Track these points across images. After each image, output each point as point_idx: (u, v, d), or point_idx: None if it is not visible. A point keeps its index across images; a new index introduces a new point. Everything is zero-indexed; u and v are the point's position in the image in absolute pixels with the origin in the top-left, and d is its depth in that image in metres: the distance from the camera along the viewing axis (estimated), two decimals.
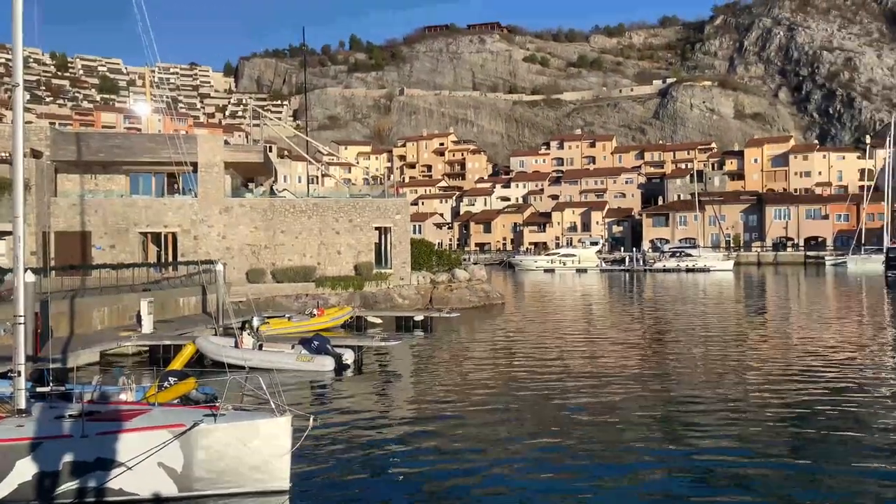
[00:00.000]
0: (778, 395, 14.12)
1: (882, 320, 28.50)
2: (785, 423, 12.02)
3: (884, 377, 15.79)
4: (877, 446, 10.52)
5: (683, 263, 75.80)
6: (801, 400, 13.58)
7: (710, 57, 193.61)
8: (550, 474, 9.50)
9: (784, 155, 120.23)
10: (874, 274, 61.54)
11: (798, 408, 12.97)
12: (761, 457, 9.99)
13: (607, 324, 28.07)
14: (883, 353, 19.75)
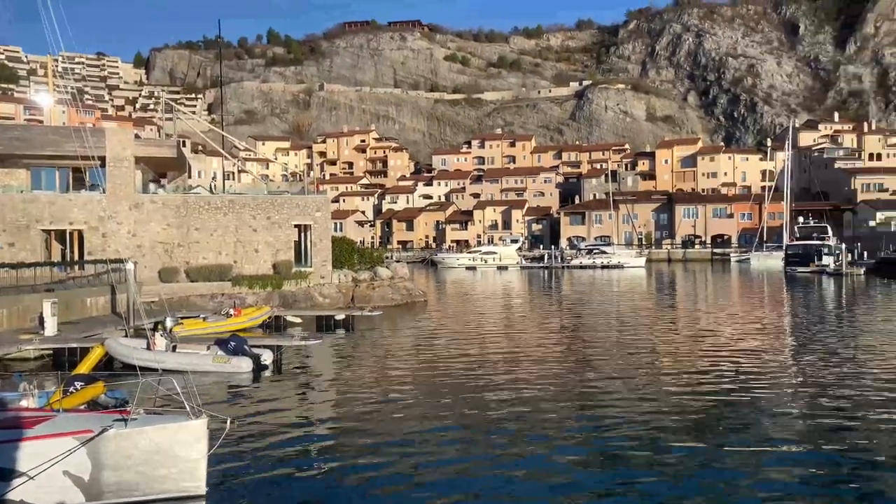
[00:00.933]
0: (686, 381, 14.77)
1: (781, 312, 30.29)
2: (692, 407, 12.58)
3: (782, 361, 16.78)
4: (773, 427, 11.17)
5: (599, 260, 78.10)
6: (708, 385, 14.26)
7: (623, 60, 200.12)
8: (472, 469, 9.62)
9: (692, 156, 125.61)
10: (775, 270, 65.24)
11: (704, 392, 13.62)
12: (672, 440, 10.43)
13: (527, 320, 28.63)
14: (781, 341, 20.99)
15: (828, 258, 61.43)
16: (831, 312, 30.05)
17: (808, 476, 9.16)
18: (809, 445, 10.47)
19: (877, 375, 15.42)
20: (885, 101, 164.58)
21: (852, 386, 14.36)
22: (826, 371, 15.94)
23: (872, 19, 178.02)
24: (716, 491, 8.66)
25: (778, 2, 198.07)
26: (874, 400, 13.10)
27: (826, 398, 13.29)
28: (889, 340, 21.10)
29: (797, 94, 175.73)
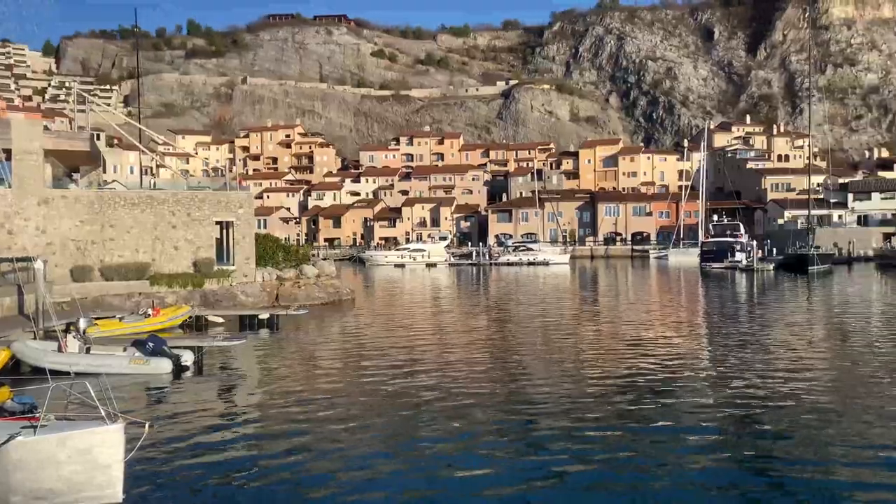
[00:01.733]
0: (608, 373, 15.19)
1: (697, 306, 31.60)
2: (613, 393, 12.95)
3: (697, 352, 17.50)
4: (686, 410, 11.63)
5: (525, 257, 79.42)
6: (629, 376, 14.71)
7: (548, 61, 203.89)
8: (401, 468, 9.59)
9: (614, 156, 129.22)
10: (691, 266, 67.93)
11: (626, 384, 14.04)
12: (594, 429, 10.71)
13: (455, 317, 28.79)
14: (696, 333, 21.88)
15: (740, 254, 64.39)
16: (743, 306, 31.53)
17: (721, 462, 9.57)
18: (722, 432, 10.94)
19: (785, 365, 16.27)
20: (791, 105, 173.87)
21: (763, 374, 15.09)
22: (738, 361, 16.70)
23: (781, 27, 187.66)
24: (635, 477, 8.94)
25: (694, 8, 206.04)
26: (783, 388, 13.80)
27: (738, 386, 13.92)
28: (795, 331, 22.29)
29: (712, 97, 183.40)
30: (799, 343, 19.88)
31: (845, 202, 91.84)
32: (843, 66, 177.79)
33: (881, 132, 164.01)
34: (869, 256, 71.29)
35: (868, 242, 76.59)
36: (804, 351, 18.43)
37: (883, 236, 76.81)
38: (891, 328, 22.83)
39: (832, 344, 19.99)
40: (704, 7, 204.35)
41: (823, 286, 41.74)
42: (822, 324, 24.81)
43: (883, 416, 11.71)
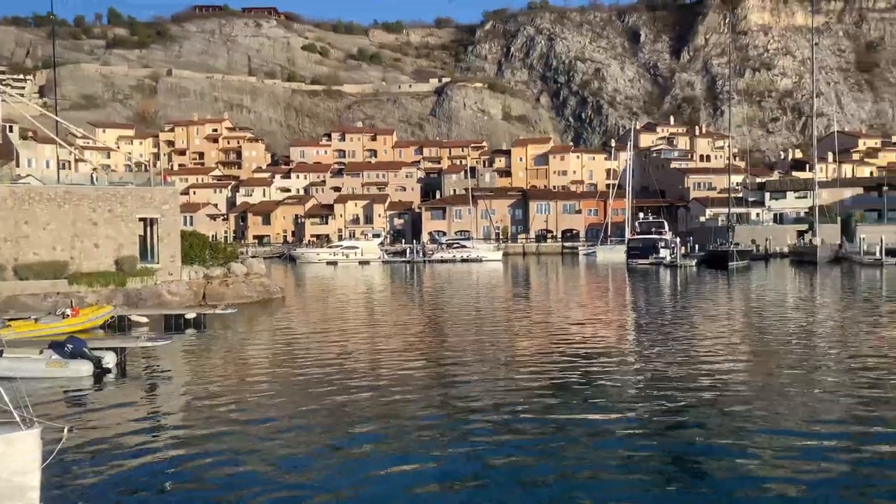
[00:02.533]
0: (539, 363, 15.46)
1: (623, 300, 32.55)
2: (544, 387, 13.18)
3: (623, 345, 18.02)
4: (613, 401, 11.96)
5: (459, 254, 79.95)
6: (559, 366, 15.01)
7: (481, 60, 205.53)
8: (333, 469, 9.49)
9: (545, 155, 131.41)
10: (618, 262, 69.80)
11: (555, 372, 14.32)
12: (526, 420, 10.88)
13: (389, 315, 28.70)
14: (623, 326, 22.54)
15: (664, 251, 66.55)
16: (667, 300, 32.62)
17: (644, 451, 9.87)
18: (647, 422, 11.29)
19: (706, 356, 16.92)
20: (713, 107, 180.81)
21: (685, 365, 15.65)
22: (662, 352, 17.26)
23: (703, 32, 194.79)
24: (563, 468, 9.12)
25: (622, 10, 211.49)
26: (703, 378, 14.35)
27: (662, 376, 14.40)
28: (716, 324, 23.21)
29: (638, 98, 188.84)
30: (719, 335, 20.71)
31: (762, 201, 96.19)
32: (761, 71, 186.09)
33: (795, 134, 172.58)
34: (784, 253, 74.88)
35: (783, 239, 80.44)
36: (724, 342, 19.22)
37: (797, 233, 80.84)
38: (804, 320, 24.06)
39: (750, 336, 20.92)
40: (631, 10, 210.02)
41: (742, 281, 43.62)
42: (741, 317, 25.92)
43: (796, 404, 12.33)
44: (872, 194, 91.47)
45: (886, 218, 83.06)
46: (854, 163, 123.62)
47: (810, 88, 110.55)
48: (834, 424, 11.24)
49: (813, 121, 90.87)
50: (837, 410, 12.07)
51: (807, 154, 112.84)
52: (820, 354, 17.40)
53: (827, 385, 13.89)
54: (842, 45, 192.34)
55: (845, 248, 67.16)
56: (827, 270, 53.35)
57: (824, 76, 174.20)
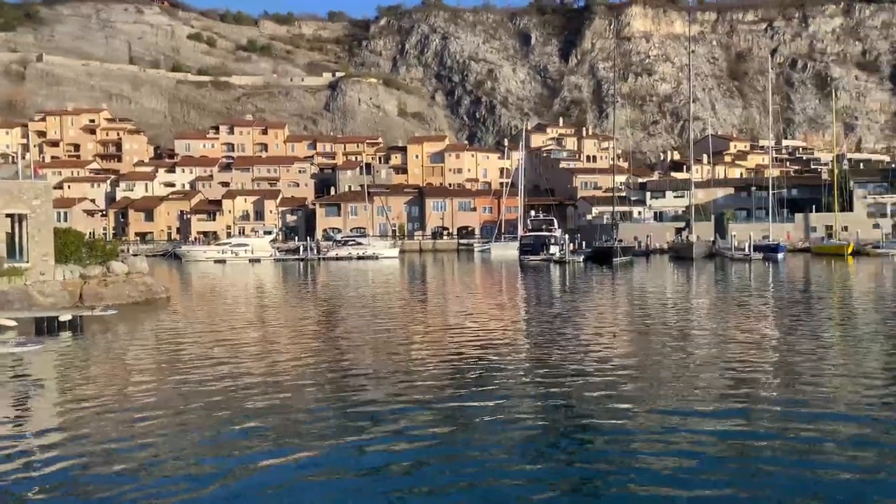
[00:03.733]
0: (435, 358, 15.51)
1: (516, 294, 33.34)
2: (440, 382, 13.23)
3: (515, 335, 18.42)
4: (505, 393, 12.19)
5: (354, 251, 79.22)
6: (454, 360, 15.13)
7: (375, 55, 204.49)
8: (223, 474, 9.09)
9: (441, 153, 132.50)
10: (511, 258, 71.44)
11: (451, 367, 14.42)
12: (420, 415, 10.87)
13: (281, 314, 27.97)
14: (516, 318, 23.05)
15: (554, 248, 68.77)
16: (557, 294, 33.69)
17: (534, 446, 10.10)
18: (536, 406, 11.56)
19: (592, 345, 17.56)
20: (599, 109, 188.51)
21: (573, 355, 16.18)
22: (552, 344, 17.77)
23: (590, 36, 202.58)
24: (457, 464, 9.17)
25: (513, 13, 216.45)
26: (591, 364, 14.87)
27: (552, 367, 14.80)
28: (601, 316, 24.18)
29: (529, 99, 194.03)
30: (604, 325, 21.58)
31: (644, 200, 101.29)
32: (643, 76, 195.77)
33: (674, 137, 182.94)
34: (664, 249, 79.19)
35: (663, 236, 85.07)
36: (608, 331, 20.04)
37: (675, 230, 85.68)
38: (681, 311, 25.50)
39: (632, 325, 21.92)
40: (522, 13, 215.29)
41: (625, 276, 45.72)
42: (624, 308, 27.14)
43: (674, 385, 13.00)
44: (742, 194, 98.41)
45: (754, 216, 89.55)
46: (726, 164, 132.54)
47: (687, 94, 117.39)
48: (708, 402, 11.99)
49: (690, 124, 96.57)
50: (711, 389, 12.86)
51: (684, 156, 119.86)
52: (695, 341, 18.50)
53: (701, 368, 14.80)
54: (715, 54, 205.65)
55: (718, 245, 71.86)
56: (702, 265, 56.86)
57: (700, 83, 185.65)
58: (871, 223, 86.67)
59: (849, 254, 67.09)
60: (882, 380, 13.78)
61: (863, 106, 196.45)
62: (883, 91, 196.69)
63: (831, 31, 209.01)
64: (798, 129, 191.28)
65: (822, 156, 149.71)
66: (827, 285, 37.82)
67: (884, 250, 68.68)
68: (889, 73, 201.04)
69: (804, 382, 13.56)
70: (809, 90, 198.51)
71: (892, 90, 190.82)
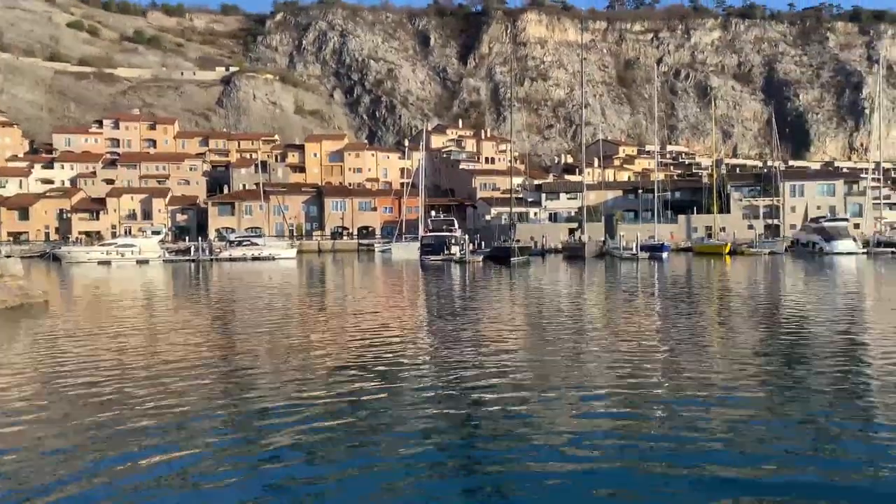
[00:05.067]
0: (336, 360, 15.30)
1: (417, 294, 33.47)
2: (339, 384, 13.07)
3: (416, 335, 18.48)
4: (407, 393, 12.21)
5: (250, 252, 77.00)
6: (355, 362, 14.97)
7: (272, 51, 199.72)
8: (98, 469, 8.59)
9: (340, 152, 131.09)
10: (412, 258, 71.61)
11: (351, 369, 14.27)
12: (319, 419, 10.70)
13: (170, 316, 26.76)
14: (417, 317, 23.13)
15: (455, 248, 69.59)
16: (457, 294, 34.09)
17: (438, 440, 10.18)
18: (437, 399, 11.66)
19: (492, 340, 17.88)
20: (497, 112, 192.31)
21: (473, 349, 16.41)
22: (453, 339, 17.96)
23: (487, 41, 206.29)
24: (353, 464, 9.11)
25: (413, 13, 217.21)
26: (491, 358, 15.14)
27: (453, 366, 14.95)
28: (499, 313, 24.66)
29: (429, 100, 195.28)
30: (502, 321, 22.04)
31: (540, 201, 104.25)
32: (538, 81, 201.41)
33: (567, 141, 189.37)
34: (558, 249, 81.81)
35: (557, 236, 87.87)
36: (507, 327, 20.48)
37: (569, 231, 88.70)
38: (574, 306, 26.43)
39: (529, 320, 22.52)
40: (421, 14, 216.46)
41: (522, 275, 46.88)
42: (521, 305, 27.82)
43: (568, 374, 13.46)
44: (630, 196, 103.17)
45: (641, 218, 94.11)
46: (615, 168, 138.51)
47: (579, 99, 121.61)
48: (599, 387, 12.54)
49: (582, 129, 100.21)
50: (602, 377, 13.42)
51: (577, 159, 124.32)
52: (587, 333, 19.28)
53: (593, 357, 15.46)
54: (605, 62, 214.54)
55: (608, 245, 75.01)
56: (593, 264, 59.16)
57: (591, 89, 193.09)
58: (746, 224, 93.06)
59: (726, 253, 71.71)
60: (754, 363, 14.95)
61: (738, 114, 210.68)
62: (756, 101, 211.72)
63: (710, 43, 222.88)
64: (681, 135, 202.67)
65: (703, 160, 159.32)
66: (706, 282, 40.24)
67: (756, 249, 73.90)
68: (761, 85, 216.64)
69: (685, 366, 14.61)
70: (691, 98, 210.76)
71: (764, 100, 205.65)
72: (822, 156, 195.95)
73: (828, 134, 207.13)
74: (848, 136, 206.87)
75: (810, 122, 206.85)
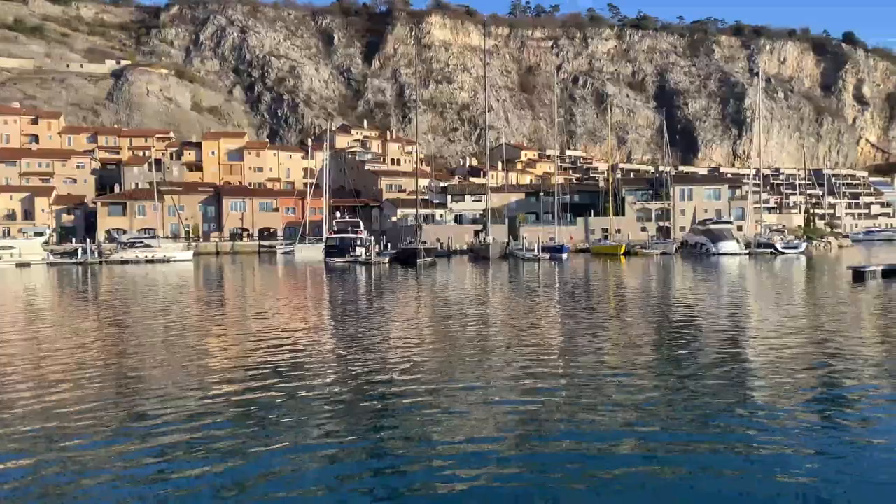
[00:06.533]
0: (234, 367, 14.81)
1: (321, 296, 32.90)
2: (238, 391, 12.65)
3: (320, 339, 18.18)
4: (310, 397, 11.99)
5: (143, 254, 73.51)
6: (256, 368, 14.54)
7: (167, 45, 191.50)
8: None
9: (240, 150, 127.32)
10: (316, 260, 70.49)
11: (252, 374, 13.85)
12: (218, 427, 10.32)
13: (54, 325, 25.10)
14: (321, 321, 22.75)
15: (360, 249, 69.07)
16: (363, 296, 33.81)
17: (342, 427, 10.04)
18: (343, 403, 11.50)
19: (397, 342, 17.84)
20: (402, 114, 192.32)
21: (379, 352, 16.31)
22: (358, 342, 17.78)
23: (392, 42, 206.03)
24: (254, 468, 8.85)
25: (315, 11, 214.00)
26: (397, 361, 15.10)
27: (357, 363, 14.80)
28: (405, 314, 24.65)
29: (333, 99, 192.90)
30: (408, 322, 22.04)
31: (446, 203, 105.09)
32: (443, 84, 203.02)
33: (472, 143, 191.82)
34: (463, 250, 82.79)
35: (463, 238, 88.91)
36: (413, 328, 20.49)
37: (474, 232, 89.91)
38: (479, 306, 26.80)
39: (435, 321, 22.62)
40: (325, 12, 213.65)
41: (428, 276, 47.12)
42: (427, 306, 27.92)
43: (474, 372, 13.61)
44: (532, 199, 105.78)
45: (542, 220, 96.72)
46: (518, 171, 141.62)
47: (483, 103, 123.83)
48: (503, 381, 12.84)
49: (486, 133, 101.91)
50: (505, 370, 13.71)
51: (481, 162, 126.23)
52: (493, 331, 19.62)
53: (497, 353, 15.80)
54: (508, 67, 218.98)
55: (512, 246, 76.62)
56: (497, 265, 60.26)
57: (495, 93, 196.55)
58: (640, 226, 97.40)
59: (621, 254, 74.79)
60: (644, 350, 16.05)
61: (632, 121, 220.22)
62: (649, 109, 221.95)
63: (607, 52, 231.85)
64: (580, 140, 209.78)
65: (600, 165, 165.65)
66: (602, 281, 41.82)
67: (649, 251, 77.49)
68: (654, 93, 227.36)
69: (584, 354, 15.59)
70: (589, 105, 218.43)
71: (656, 108, 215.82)
72: (709, 162, 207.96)
73: (714, 141, 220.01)
74: (732, 144, 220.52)
75: (698, 129, 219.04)
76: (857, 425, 10.47)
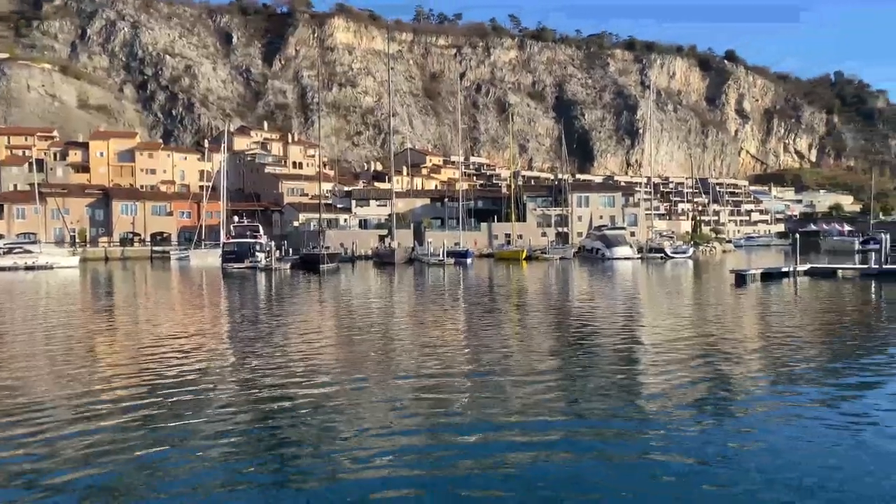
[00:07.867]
0: (125, 381, 13.98)
1: (219, 305, 31.69)
2: (131, 405, 11.95)
3: (217, 348, 17.46)
4: (209, 401, 11.48)
5: (22, 261, 68.67)
6: (148, 381, 13.78)
7: (50, 38, 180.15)
8: None
9: (131, 151, 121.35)
10: (213, 266, 67.99)
11: (144, 388, 13.11)
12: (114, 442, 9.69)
13: None
14: (218, 330, 21.89)
15: (260, 255, 67.14)
16: (262, 303, 32.84)
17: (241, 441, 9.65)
18: (242, 417, 11.07)
19: (299, 351, 17.40)
20: (304, 116, 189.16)
21: (280, 362, 15.84)
22: (258, 352, 17.21)
23: (293, 43, 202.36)
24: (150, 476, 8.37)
25: (213, 10, 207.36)
26: (299, 371, 14.71)
27: (256, 378, 14.31)
28: (307, 322, 24.10)
29: (232, 100, 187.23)
30: (310, 331, 21.57)
31: (350, 207, 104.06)
32: (347, 87, 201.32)
33: (377, 148, 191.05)
34: (368, 255, 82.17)
35: (368, 243, 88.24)
36: (315, 337, 20.07)
37: (379, 237, 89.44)
38: (383, 312, 26.63)
39: (339, 328, 22.27)
40: (223, 11, 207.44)
41: (332, 282, 46.41)
42: (331, 313, 27.46)
43: (376, 378, 13.45)
44: (437, 205, 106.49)
45: (447, 225, 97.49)
46: (423, 177, 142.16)
47: (387, 108, 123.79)
48: (403, 381, 12.73)
49: (390, 137, 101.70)
50: (408, 372, 13.61)
51: (386, 167, 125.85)
52: (395, 334, 19.57)
53: (401, 356, 15.68)
54: (412, 73, 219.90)
55: (417, 251, 76.74)
56: (403, 270, 60.17)
57: (399, 98, 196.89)
58: (540, 232, 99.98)
59: (523, 259, 76.47)
60: (544, 350, 16.62)
61: (533, 130, 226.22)
62: (548, 118, 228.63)
63: (508, 62, 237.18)
64: (483, 147, 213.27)
65: (503, 172, 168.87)
66: (505, 284, 42.59)
67: (549, 255, 79.68)
68: (553, 104, 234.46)
69: (486, 353, 16.06)
70: (492, 113, 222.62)
71: (555, 118, 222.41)
72: (605, 170, 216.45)
73: (609, 150, 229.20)
74: (625, 153, 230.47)
75: (594, 139, 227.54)
76: (735, 416, 11.15)
